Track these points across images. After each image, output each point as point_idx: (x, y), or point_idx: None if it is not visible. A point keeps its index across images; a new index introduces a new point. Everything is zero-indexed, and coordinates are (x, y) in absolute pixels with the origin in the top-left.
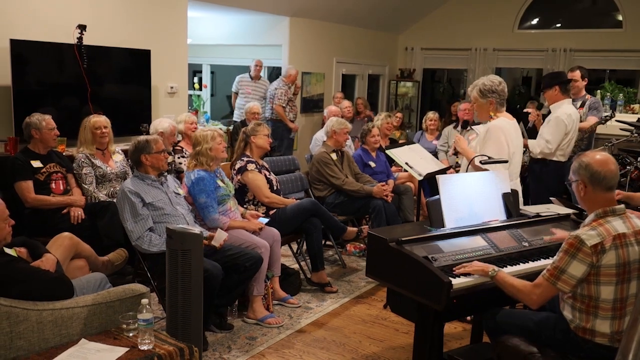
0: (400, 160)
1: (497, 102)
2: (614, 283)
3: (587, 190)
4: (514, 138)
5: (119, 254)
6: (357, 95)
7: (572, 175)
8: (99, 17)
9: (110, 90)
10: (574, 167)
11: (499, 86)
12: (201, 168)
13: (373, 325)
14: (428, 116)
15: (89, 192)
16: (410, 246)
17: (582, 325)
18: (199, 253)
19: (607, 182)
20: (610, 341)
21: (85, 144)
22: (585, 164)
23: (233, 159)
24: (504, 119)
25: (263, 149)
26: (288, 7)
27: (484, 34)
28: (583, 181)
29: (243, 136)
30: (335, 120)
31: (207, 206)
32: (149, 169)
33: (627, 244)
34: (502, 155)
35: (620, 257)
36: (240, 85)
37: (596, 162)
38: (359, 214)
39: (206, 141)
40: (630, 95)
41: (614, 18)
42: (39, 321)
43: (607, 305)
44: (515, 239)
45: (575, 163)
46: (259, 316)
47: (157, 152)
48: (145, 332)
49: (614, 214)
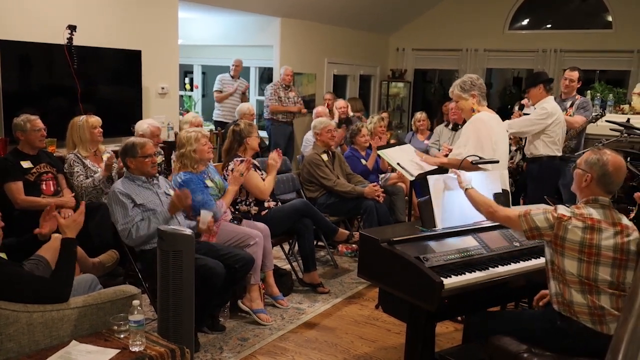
0: (392, 160)
1: (479, 95)
2: (576, 259)
3: (590, 184)
4: (496, 131)
5: (110, 255)
6: (348, 95)
7: (584, 165)
8: (90, 18)
9: (101, 91)
10: (590, 159)
11: (478, 81)
12: (187, 170)
13: (365, 326)
14: (416, 117)
15: (80, 187)
16: (401, 246)
17: (561, 297)
18: (190, 254)
19: (612, 186)
20: (592, 322)
21: (81, 143)
22: (603, 162)
23: (225, 159)
24: (485, 113)
25: (255, 149)
26: (279, 8)
27: (474, 35)
28: (592, 175)
29: (237, 137)
30: (317, 121)
31: (205, 202)
32: (135, 172)
33: (599, 229)
34: (484, 147)
35: (586, 238)
36: (222, 84)
37: (613, 164)
38: (350, 215)
39: (190, 143)
40: (620, 95)
41: (604, 19)
42: (29, 323)
43: (573, 279)
44: (506, 239)
45: (594, 156)
46: (255, 307)
47: (142, 156)
48: (136, 333)
49: (596, 202)
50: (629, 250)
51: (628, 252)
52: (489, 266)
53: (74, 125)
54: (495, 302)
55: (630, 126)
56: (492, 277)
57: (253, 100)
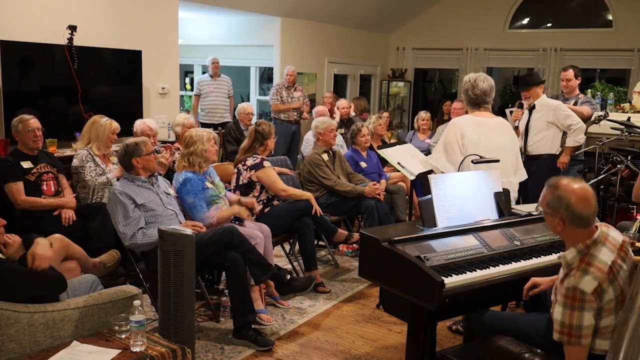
0: (393, 160)
1: (467, 99)
2: (613, 312)
3: (565, 227)
4: (469, 133)
5: (111, 255)
6: (349, 95)
7: (548, 209)
8: (90, 18)
9: (101, 91)
10: (551, 201)
11: (471, 83)
12: (191, 169)
13: (366, 325)
14: (420, 116)
15: (93, 183)
16: (402, 246)
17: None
18: (191, 254)
19: (588, 221)
20: None
21: (96, 142)
22: (566, 204)
23: (241, 156)
24: (467, 116)
25: (271, 149)
26: (279, 8)
27: (475, 34)
28: (562, 219)
29: (259, 137)
30: (318, 121)
31: (194, 206)
32: (140, 171)
33: (618, 270)
34: (450, 150)
35: (617, 289)
36: (200, 86)
37: (578, 200)
38: (351, 214)
39: (202, 142)
40: (620, 94)
41: (604, 18)
42: (30, 323)
43: (606, 330)
44: (507, 238)
45: (552, 197)
46: (255, 307)
47: (147, 154)
48: (137, 333)
49: (596, 244)
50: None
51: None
52: (489, 265)
53: (96, 123)
54: (497, 301)
55: (631, 125)
56: (493, 276)
57: (253, 100)
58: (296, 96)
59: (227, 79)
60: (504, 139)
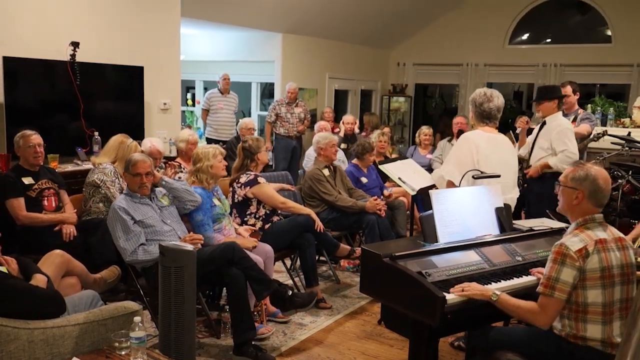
0: (394, 175)
1: (476, 114)
2: (599, 286)
3: (582, 201)
4: (483, 150)
5: (112, 271)
6: (349, 111)
7: (571, 182)
8: (92, 34)
9: (103, 107)
10: (578, 175)
11: (480, 98)
12: (199, 185)
13: (367, 341)
14: (422, 131)
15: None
16: (404, 261)
17: (573, 332)
18: (191, 270)
19: (603, 200)
20: (602, 346)
21: (122, 162)
22: (593, 177)
23: (234, 175)
24: (479, 131)
25: (265, 162)
26: (280, 24)
27: (475, 50)
28: (583, 192)
29: (247, 154)
30: (320, 136)
31: (203, 224)
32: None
33: (608, 249)
34: (464, 162)
35: (603, 261)
36: (211, 101)
37: (602, 178)
38: (352, 229)
39: (207, 158)
40: (620, 109)
41: (603, 33)
42: (30, 340)
43: (596, 309)
44: (508, 253)
45: (581, 172)
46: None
47: (132, 174)
48: (137, 350)
49: (594, 221)
50: (631, 263)
51: (631, 265)
52: (491, 281)
53: (124, 143)
54: (498, 317)
55: (631, 140)
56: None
57: (255, 115)
58: (297, 112)
59: (234, 95)
60: (509, 156)
